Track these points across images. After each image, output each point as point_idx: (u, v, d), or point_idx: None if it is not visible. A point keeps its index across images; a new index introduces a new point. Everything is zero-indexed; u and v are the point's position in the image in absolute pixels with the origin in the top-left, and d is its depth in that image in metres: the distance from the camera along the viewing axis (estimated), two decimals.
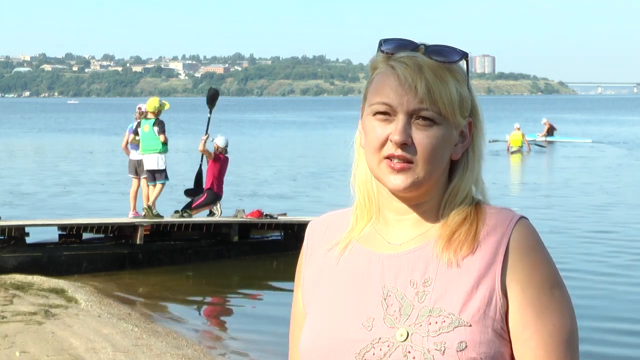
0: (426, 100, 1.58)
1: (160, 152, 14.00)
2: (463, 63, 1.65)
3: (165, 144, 13.88)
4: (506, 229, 1.62)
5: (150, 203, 13.96)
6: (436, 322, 1.56)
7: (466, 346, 1.55)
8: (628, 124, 69.06)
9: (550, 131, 41.78)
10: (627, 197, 21.24)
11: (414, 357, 1.55)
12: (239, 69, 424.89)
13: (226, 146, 14.84)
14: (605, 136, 49.53)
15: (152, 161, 14.00)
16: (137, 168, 14.47)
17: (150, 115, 14.09)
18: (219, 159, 14.78)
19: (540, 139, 40.13)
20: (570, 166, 30.09)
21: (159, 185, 14.12)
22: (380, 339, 1.58)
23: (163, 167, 14.04)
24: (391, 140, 1.59)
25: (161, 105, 14.12)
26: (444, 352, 1.54)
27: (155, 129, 13.89)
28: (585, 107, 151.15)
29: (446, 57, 1.62)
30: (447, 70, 1.61)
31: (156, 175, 14.08)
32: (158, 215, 13.98)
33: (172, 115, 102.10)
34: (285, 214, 15.61)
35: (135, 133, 14.22)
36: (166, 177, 14.17)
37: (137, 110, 14.61)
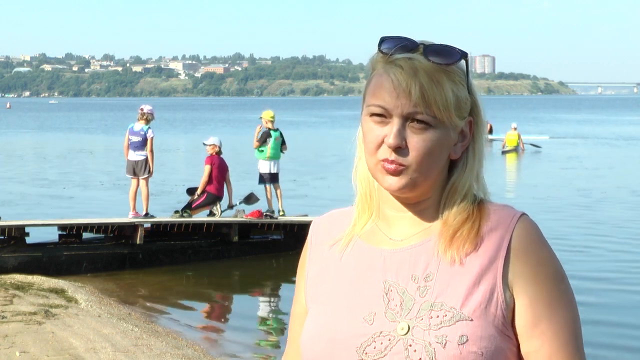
0: (420, 104, 1.58)
1: None
2: (462, 63, 1.64)
3: None
4: (508, 225, 1.63)
5: None
6: (437, 316, 1.57)
7: (467, 340, 1.56)
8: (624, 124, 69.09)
9: (490, 130, 41.29)
10: (623, 196, 21.27)
11: (415, 350, 1.56)
12: (239, 69, 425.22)
13: (220, 145, 14.91)
14: (592, 136, 49.49)
15: None
16: (134, 168, 14.46)
17: None
18: (217, 160, 14.78)
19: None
20: (566, 166, 30.09)
21: None
22: (381, 332, 1.59)
23: None
24: (386, 144, 1.60)
25: None
26: (445, 345, 1.55)
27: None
28: (583, 107, 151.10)
29: (444, 58, 1.62)
30: (443, 73, 1.61)
31: None
32: None
33: (171, 115, 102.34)
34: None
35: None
36: None
37: (139, 111, 14.63)
